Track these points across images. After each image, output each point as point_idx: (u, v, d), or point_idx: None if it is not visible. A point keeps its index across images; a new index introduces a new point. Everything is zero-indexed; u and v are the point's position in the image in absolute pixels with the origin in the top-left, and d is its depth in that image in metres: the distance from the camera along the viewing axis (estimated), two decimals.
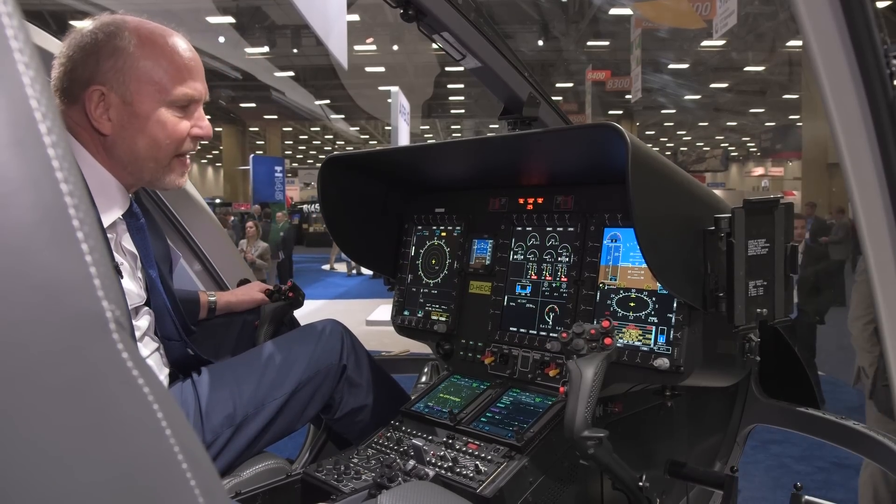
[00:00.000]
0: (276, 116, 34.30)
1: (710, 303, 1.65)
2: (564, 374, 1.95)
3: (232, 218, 16.05)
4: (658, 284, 1.85)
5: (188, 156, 1.77)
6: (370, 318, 11.71)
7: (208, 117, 1.75)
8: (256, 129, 38.55)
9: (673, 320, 1.80)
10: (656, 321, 1.84)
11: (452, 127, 39.86)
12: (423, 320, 2.43)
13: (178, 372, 1.94)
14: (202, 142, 1.78)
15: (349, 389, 2.09)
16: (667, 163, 1.63)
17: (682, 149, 41.89)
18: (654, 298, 1.86)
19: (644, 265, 1.87)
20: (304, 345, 2.05)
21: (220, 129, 35.11)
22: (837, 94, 1.48)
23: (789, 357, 2.24)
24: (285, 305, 2.35)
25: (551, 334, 2.08)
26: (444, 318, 2.39)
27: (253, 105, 31.46)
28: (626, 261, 1.95)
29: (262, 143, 39.37)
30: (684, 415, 2.22)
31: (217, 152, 44.78)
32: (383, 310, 12.04)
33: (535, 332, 2.13)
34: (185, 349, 1.92)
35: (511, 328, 2.19)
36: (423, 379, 2.52)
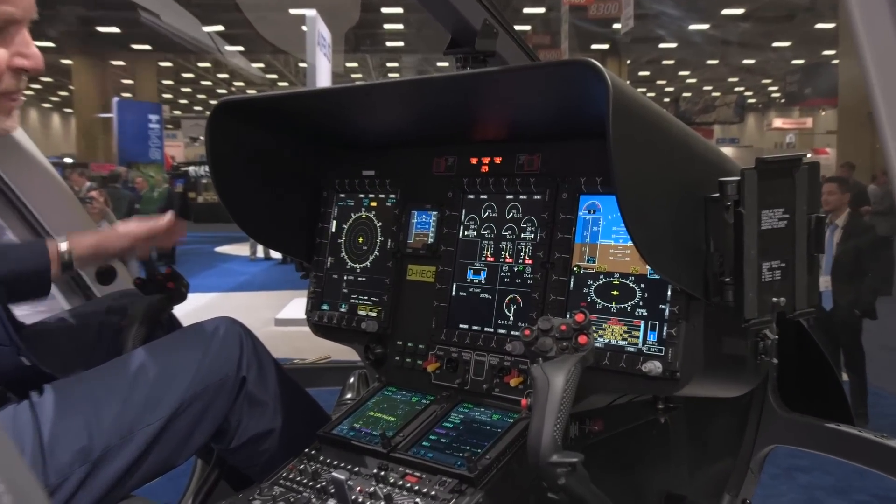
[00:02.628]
0: (148, 47, 33.48)
1: (714, 290, 1.70)
2: (529, 382, 1.99)
3: (88, 183, 15.61)
4: (648, 267, 1.89)
5: (15, 96, 1.74)
6: (279, 316, 11.66)
7: (45, 44, 1.71)
8: (122, 62, 37.67)
9: (666, 313, 1.85)
10: (645, 314, 1.89)
11: (388, 65, 39.69)
12: (347, 317, 2.45)
13: (9, 390, 1.89)
14: (30, 76, 1.75)
15: (250, 410, 2.09)
16: (660, 112, 1.67)
17: (684, 94, 42.56)
18: (642, 285, 1.91)
19: (630, 243, 1.92)
20: (187, 351, 2.03)
21: (70, 61, 34.15)
22: (870, 26, 1.54)
23: (815, 359, 2.32)
24: (162, 299, 2.32)
25: (512, 332, 2.12)
26: (374, 314, 2.41)
27: (116, 30, 30.64)
28: (606, 237, 1.99)
29: (131, 83, 38.51)
30: (683, 434, 2.29)
31: (66, 94, 43.46)
32: (296, 305, 12.00)
33: (491, 331, 2.17)
34: (16, 358, 1.88)
35: (461, 325, 2.22)
36: (349, 394, 2.53)
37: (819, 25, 29.20)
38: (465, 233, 2.27)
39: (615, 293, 1.94)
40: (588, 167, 2.03)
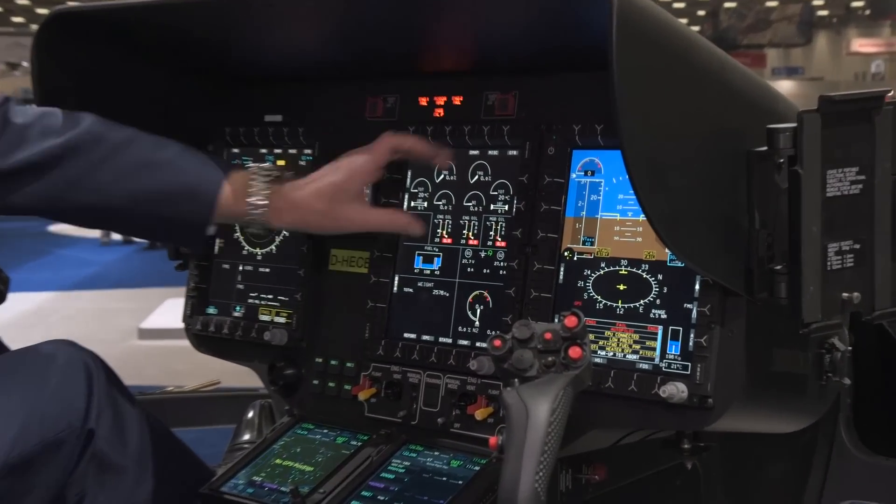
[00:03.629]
0: None
1: (760, 283, 1.73)
2: (501, 414, 2.01)
3: None
4: (667, 252, 1.92)
5: None
6: (145, 326, 11.52)
7: None
8: None
9: (694, 315, 1.88)
10: (665, 317, 1.93)
11: None
12: (244, 324, 2.46)
13: None
14: None
15: (99, 477, 2.07)
16: (685, 32, 1.69)
17: (727, 5, 42.66)
18: (659, 276, 1.94)
19: (642, 217, 1.94)
20: (5, 395, 2.03)
21: None
22: None
23: None
24: None
25: (478, 344, 2.15)
26: (282, 320, 2.42)
27: None
28: (610, 209, 2.02)
29: None
30: (719, 485, 2.33)
31: None
32: (169, 308, 11.87)
33: (448, 342, 2.19)
34: None
35: (406, 334, 2.25)
36: (247, 435, 2.55)
37: None
38: (412, 203, 2.29)
39: (622, 288, 1.97)
40: (584, 111, 2.05)
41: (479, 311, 2.17)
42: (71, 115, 2.05)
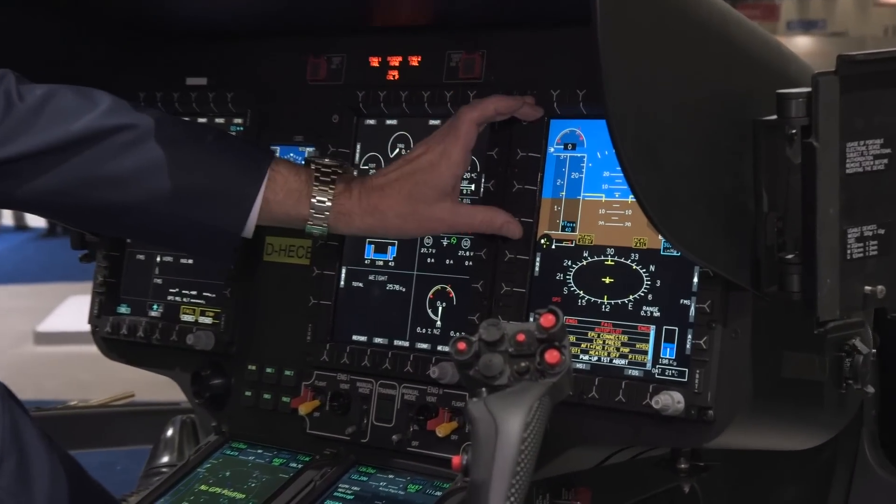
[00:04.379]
0: None
1: (769, 275, 1.74)
2: (466, 429, 2.02)
3: None
4: (660, 238, 1.95)
5: None
6: (43, 329, 11.46)
7: None
8: None
9: (691, 313, 1.90)
10: (658, 315, 1.95)
11: None
12: (163, 326, 2.47)
13: None
14: None
15: None
16: None
17: None
18: (652, 268, 1.96)
19: (632, 198, 1.96)
20: None
21: None
22: None
23: None
24: None
25: (440, 348, 2.17)
26: (209, 321, 2.44)
27: None
28: (594, 189, 2.04)
29: None
30: None
31: None
32: (72, 307, 11.80)
33: (405, 345, 2.21)
34: None
35: (356, 336, 2.26)
36: (165, 457, 2.56)
37: None
38: None
39: (608, 281, 1.99)
40: (563, 73, 2.07)
41: (440, 308, 2.19)
42: (83, 94, 2.02)
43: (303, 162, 2.30)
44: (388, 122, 2.29)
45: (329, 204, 2.04)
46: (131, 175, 1.99)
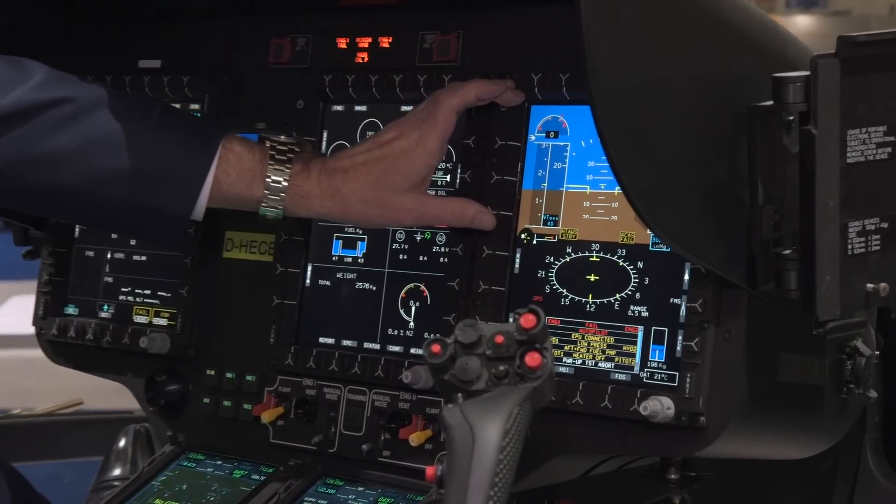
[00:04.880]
0: None
1: (765, 272, 1.74)
2: (441, 438, 2.02)
3: None
4: (649, 233, 1.95)
5: None
6: None
7: None
8: None
9: (682, 313, 1.91)
10: (646, 315, 1.95)
11: None
12: (114, 328, 2.46)
13: None
14: None
15: None
16: None
17: None
18: (640, 264, 1.97)
19: (618, 190, 1.96)
20: None
21: None
22: None
23: None
24: None
25: (413, 351, 2.17)
26: (164, 322, 2.43)
27: None
28: (578, 180, 2.04)
29: None
30: None
31: None
32: (15, 308, 11.74)
33: (375, 348, 2.21)
34: None
35: (322, 339, 2.26)
36: (117, 469, 2.55)
37: None
38: None
39: (593, 278, 2.00)
40: (545, 56, 2.07)
41: (414, 308, 2.19)
42: (15, 65, 1.99)
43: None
44: (357, 108, 2.29)
45: (285, 184, 2.02)
46: (69, 154, 1.97)
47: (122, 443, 2.60)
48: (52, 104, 1.95)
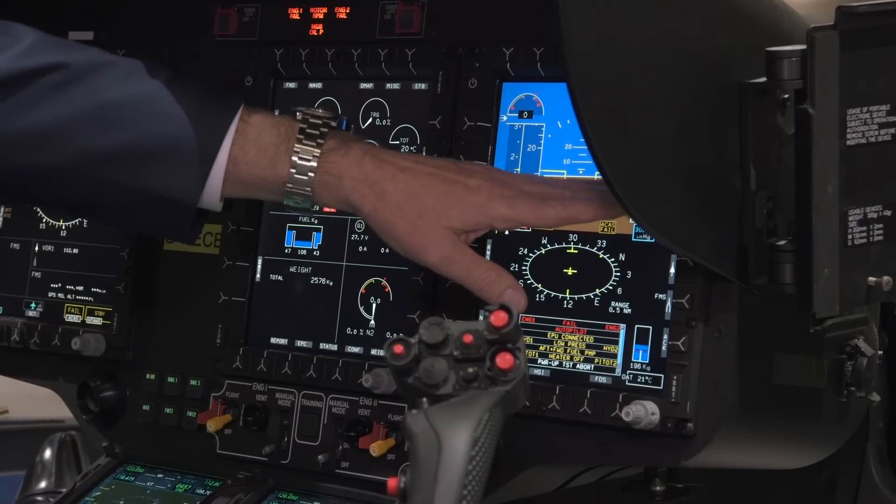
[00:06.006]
0: None
1: (757, 265, 1.76)
2: (404, 447, 2.02)
3: None
4: (632, 223, 1.97)
5: None
6: None
7: None
8: None
9: (667, 309, 1.93)
10: (629, 312, 1.97)
11: None
12: (42, 329, 2.46)
13: None
14: None
15: None
16: None
17: None
18: (622, 257, 1.98)
19: (597, 175, 1.95)
20: None
21: None
22: None
23: None
24: None
25: (374, 351, 2.18)
26: (98, 321, 2.44)
27: None
28: (554, 164, 2.06)
29: None
30: None
31: None
32: None
33: (333, 348, 2.23)
34: None
35: (274, 339, 2.27)
36: (43, 482, 2.55)
37: None
38: None
39: (571, 272, 2.01)
40: (518, 28, 2.09)
41: (374, 306, 2.20)
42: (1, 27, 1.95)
43: None
44: (312, 85, 2.30)
45: (314, 164, 1.92)
46: (57, 128, 1.89)
47: (46, 454, 2.60)
48: (41, 71, 1.89)
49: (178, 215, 1.94)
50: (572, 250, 2.01)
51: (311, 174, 1.90)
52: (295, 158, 1.90)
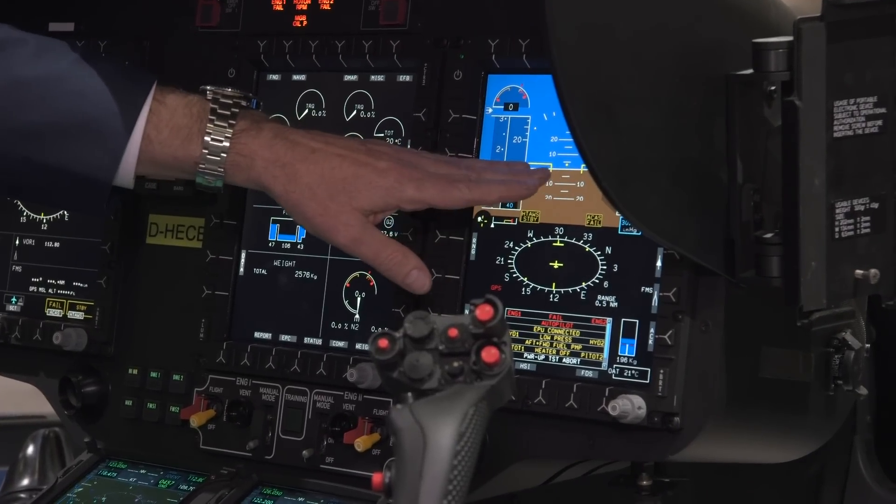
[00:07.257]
0: None
1: (744, 258, 1.77)
2: (389, 442, 2.04)
3: None
4: (618, 216, 1.97)
5: None
6: None
7: None
8: None
9: (654, 303, 1.93)
10: (615, 305, 1.97)
11: None
12: (23, 323, 2.47)
13: None
14: None
15: None
16: None
17: None
18: (608, 250, 1.99)
19: (584, 168, 1.96)
20: None
21: None
22: None
23: None
24: None
25: (359, 346, 2.19)
26: (80, 315, 2.44)
27: None
28: (539, 157, 2.06)
29: None
30: None
31: None
32: None
33: (317, 343, 2.23)
34: None
35: (258, 333, 2.28)
36: (25, 479, 2.55)
37: None
38: None
39: (557, 266, 2.02)
40: (503, 20, 2.09)
41: (359, 300, 2.21)
42: None
43: None
44: (296, 77, 2.30)
45: (226, 144, 1.96)
46: None
47: (29, 450, 2.59)
48: None
49: (93, 193, 1.98)
50: (558, 244, 2.02)
51: (224, 155, 1.96)
52: (207, 139, 1.95)
